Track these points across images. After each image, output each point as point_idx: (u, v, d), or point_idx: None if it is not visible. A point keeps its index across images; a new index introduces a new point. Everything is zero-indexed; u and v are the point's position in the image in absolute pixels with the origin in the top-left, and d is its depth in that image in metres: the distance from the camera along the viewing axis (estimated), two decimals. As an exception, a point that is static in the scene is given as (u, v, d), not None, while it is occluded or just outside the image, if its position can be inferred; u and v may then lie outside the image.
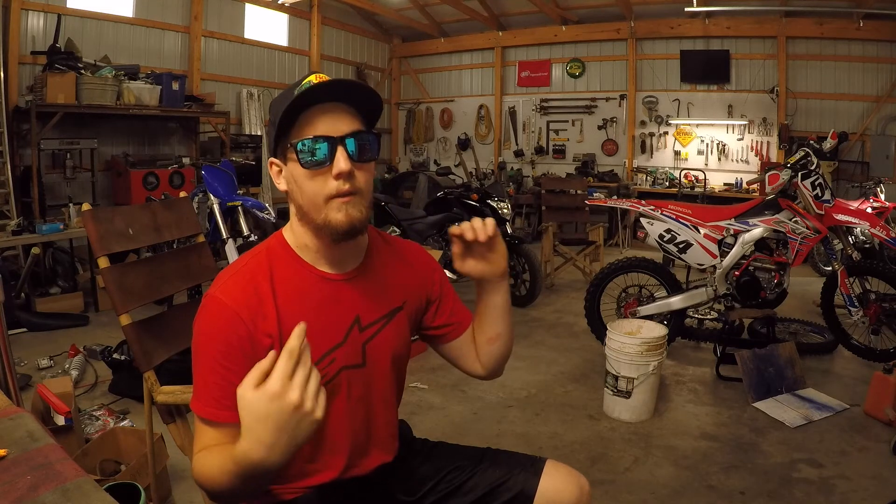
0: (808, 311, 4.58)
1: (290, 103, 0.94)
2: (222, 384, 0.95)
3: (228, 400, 0.95)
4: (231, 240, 4.03)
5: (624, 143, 8.84)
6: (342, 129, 0.97)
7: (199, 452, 0.96)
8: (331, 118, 0.97)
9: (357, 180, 0.98)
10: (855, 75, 7.40)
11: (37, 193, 5.23)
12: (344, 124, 0.98)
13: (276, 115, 0.98)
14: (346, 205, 0.97)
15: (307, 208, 1.00)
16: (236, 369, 0.95)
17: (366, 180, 1.01)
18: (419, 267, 1.20)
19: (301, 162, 0.96)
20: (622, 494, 2.23)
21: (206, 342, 0.97)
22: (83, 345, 3.58)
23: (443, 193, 5.32)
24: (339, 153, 0.95)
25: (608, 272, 3.75)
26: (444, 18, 9.60)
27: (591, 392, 3.18)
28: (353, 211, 0.98)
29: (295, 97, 0.94)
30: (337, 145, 0.96)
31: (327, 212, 0.98)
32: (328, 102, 0.98)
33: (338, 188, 0.96)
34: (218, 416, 0.95)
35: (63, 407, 2.06)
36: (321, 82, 0.95)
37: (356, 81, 0.98)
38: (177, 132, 7.02)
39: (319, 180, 0.97)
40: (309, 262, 1.05)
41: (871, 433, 2.70)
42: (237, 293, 0.98)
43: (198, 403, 0.97)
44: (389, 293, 1.13)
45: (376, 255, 1.14)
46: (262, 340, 0.97)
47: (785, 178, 3.39)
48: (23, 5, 5.50)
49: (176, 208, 1.88)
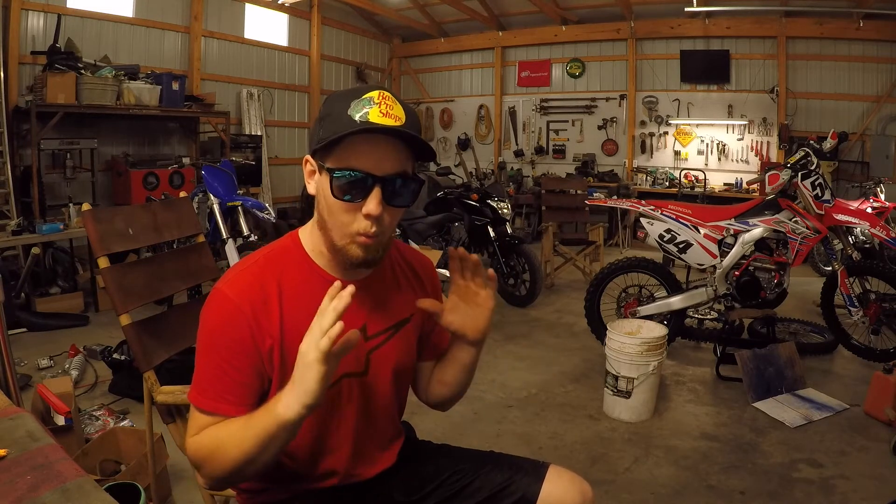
0: (808, 311, 4.58)
1: (347, 131, 0.90)
2: (224, 378, 0.96)
3: (230, 394, 0.96)
4: (231, 240, 4.03)
5: (624, 143, 8.84)
6: (385, 168, 0.93)
7: (196, 435, 0.97)
8: (378, 151, 0.93)
9: (383, 222, 0.96)
10: (855, 75, 7.40)
11: (37, 193, 5.22)
12: (389, 162, 0.93)
13: (326, 123, 0.93)
14: (367, 245, 0.96)
15: (330, 228, 0.98)
16: (238, 365, 0.96)
17: (391, 223, 0.98)
18: (427, 282, 1.20)
19: (334, 192, 0.93)
20: (622, 494, 2.23)
21: (209, 335, 0.97)
22: (83, 345, 3.58)
23: (443, 193, 5.32)
24: (374, 194, 0.92)
25: (608, 272, 3.75)
26: (444, 18, 9.60)
27: (591, 392, 3.18)
28: (371, 252, 0.97)
29: (354, 128, 0.90)
30: (375, 185, 0.92)
31: (349, 244, 0.97)
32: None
33: (365, 229, 0.94)
34: (217, 409, 0.96)
35: (63, 407, 2.06)
36: (383, 126, 0.90)
37: (417, 137, 0.94)
38: (177, 132, 7.02)
39: (351, 214, 0.95)
40: (321, 266, 1.04)
41: (871, 433, 2.70)
42: (243, 289, 0.98)
43: (197, 394, 0.97)
44: (399, 304, 1.12)
45: (389, 265, 1.13)
46: (264, 340, 0.97)
47: (785, 178, 3.39)
48: (23, 5, 5.50)
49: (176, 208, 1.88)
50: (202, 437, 0.95)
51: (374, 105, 0.92)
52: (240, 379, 0.96)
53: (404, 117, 0.94)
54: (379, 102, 0.92)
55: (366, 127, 0.90)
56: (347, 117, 0.91)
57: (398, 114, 0.93)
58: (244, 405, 0.97)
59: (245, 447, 0.89)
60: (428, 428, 2.71)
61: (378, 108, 0.91)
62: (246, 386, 0.97)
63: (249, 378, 0.97)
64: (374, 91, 0.94)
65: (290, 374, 0.99)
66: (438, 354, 1.22)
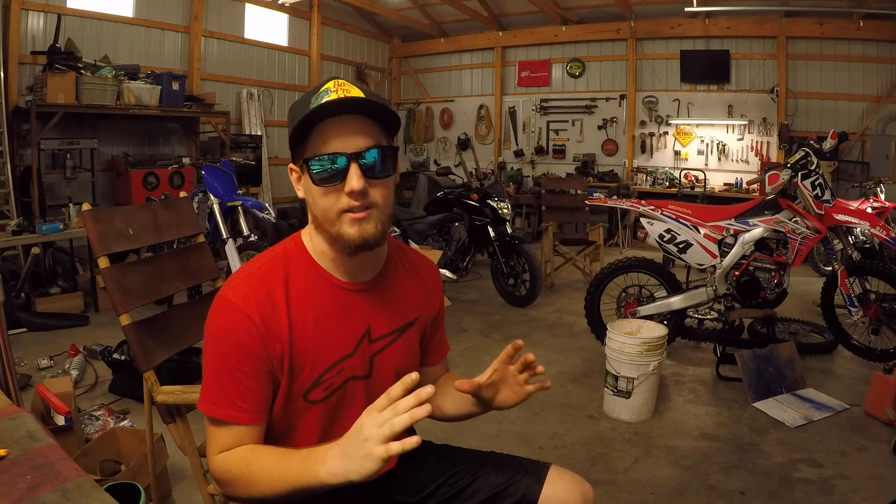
0: (808, 311, 4.58)
1: (304, 116, 0.92)
2: (238, 387, 0.96)
3: (245, 402, 0.96)
4: (231, 240, 4.03)
5: (624, 143, 8.84)
6: (357, 145, 0.94)
7: (223, 454, 0.97)
8: (346, 132, 0.94)
9: (372, 196, 0.96)
10: (855, 75, 7.40)
11: (37, 193, 5.23)
12: (359, 139, 0.94)
13: (293, 124, 0.96)
14: (360, 220, 0.96)
15: (321, 220, 0.99)
16: (250, 372, 0.96)
17: (382, 195, 0.98)
18: (430, 286, 1.20)
19: (314, 179, 0.95)
20: (622, 494, 2.23)
21: (218, 345, 0.97)
22: (83, 345, 3.59)
23: (443, 193, 5.32)
24: (353, 170, 0.93)
25: (608, 272, 3.75)
26: (444, 18, 9.60)
27: (591, 392, 3.18)
28: (367, 226, 0.96)
29: (310, 111, 0.92)
30: (350, 162, 0.93)
31: (340, 225, 0.96)
32: (345, 115, 0.95)
33: (349, 204, 0.95)
34: (234, 417, 0.96)
35: (63, 407, 2.06)
36: (334, 100, 0.92)
37: (370, 99, 0.95)
38: (177, 132, 7.02)
39: (332, 196, 0.95)
40: (325, 268, 1.04)
41: (871, 433, 2.70)
42: (250, 296, 0.97)
43: (210, 405, 0.97)
44: (403, 307, 1.12)
45: (393, 267, 1.13)
46: (274, 345, 0.97)
47: (785, 178, 3.39)
48: (23, 5, 5.50)
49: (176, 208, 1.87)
50: (231, 461, 0.95)
51: (330, 93, 0.94)
52: (253, 386, 0.96)
53: (362, 95, 0.95)
54: (336, 89, 0.94)
55: (323, 106, 0.92)
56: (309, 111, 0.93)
57: (355, 93, 0.95)
58: (258, 412, 0.97)
59: (276, 487, 0.90)
60: (427, 427, 2.71)
61: (335, 94, 0.94)
62: (259, 392, 0.97)
63: (262, 384, 0.97)
64: (330, 81, 0.96)
65: (299, 378, 1.00)
66: (438, 360, 1.22)
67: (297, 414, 1.03)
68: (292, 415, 1.03)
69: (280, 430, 1.04)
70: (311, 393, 1.02)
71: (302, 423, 1.04)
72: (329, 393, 1.03)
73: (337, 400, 1.04)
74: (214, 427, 0.98)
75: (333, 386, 1.03)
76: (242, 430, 0.97)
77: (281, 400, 1.01)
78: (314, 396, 1.02)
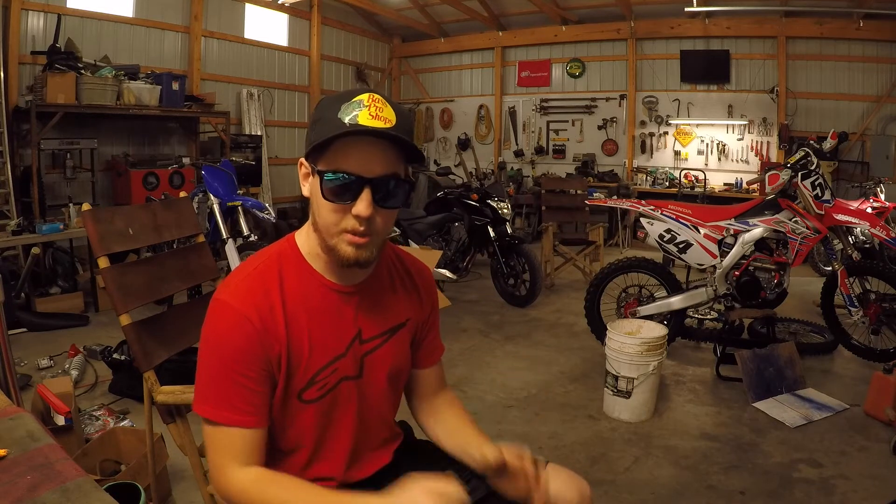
0: (808, 311, 4.58)
1: (332, 135, 0.90)
2: (240, 390, 0.96)
3: (247, 405, 0.96)
4: (231, 240, 4.03)
5: (624, 143, 8.84)
6: (375, 171, 0.93)
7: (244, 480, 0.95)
8: (368, 154, 0.93)
9: (375, 223, 0.96)
10: (855, 75, 7.39)
11: (37, 193, 5.22)
12: (379, 165, 0.93)
13: (317, 126, 0.94)
14: (358, 245, 0.96)
15: (321, 229, 0.98)
16: (249, 374, 0.96)
17: (385, 224, 0.98)
18: (423, 289, 1.20)
19: (324, 192, 0.94)
20: (622, 494, 2.24)
21: (218, 348, 0.97)
22: (83, 345, 3.59)
23: (443, 193, 5.32)
24: (364, 195, 0.92)
25: (608, 272, 3.75)
26: (444, 18, 9.60)
27: (591, 392, 3.18)
28: (363, 252, 0.97)
29: (339, 130, 0.90)
30: (364, 187, 0.93)
31: (338, 242, 0.97)
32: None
33: (353, 227, 0.94)
34: (237, 421, 0.96)
35: (63, 407, 2.06)
36: (370, 128, 0.90)
37: (403, 138, 0.93)
38: (177, 132, 7.02)
39: (339, 213, 0.95)
40: (318, 270, 1.04)
41: (871, 433, 2.70)
42: (248, 298, 0.97)
43: (210, 407, 0.97)
44: (394, 309, 1.12)
45: (386, 270, 1.14)
46: (272, 346, 0.97)
47: (785, 178, 3.39)
48: (23, 5, 5.50)
49: (176, 208, 1.88)
50: (251, 489, 0.95)
51: (363, 108, 0.92)
52: (253, 388, 0.97)
53: (395, 119, 0.94)
54: (369, 105, 0.92)
55: (353, 129, 0.90)
56: (338, 120, 0.92)
57: (388, 116, 0.93)
58: (259, 414, 0.97)
59: None
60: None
61: (367, 110, 0.92)
62: (260, 394, 0.98)
63: (262, 386, 0.98)
64: (365, 94, 0.94)
65: (294, 378, 1.00)
66: (431, 363, 1.23)
67: (291, 414, 1.03)
68: (287, 415, 1.03)
69: (274, 430, 1.04)
70: (305, 392, 1.02)
71: (296, 422, 1.04)
72: (323, 393, 1.03)
73: (331, 400, 1.05)
74: (214, 431, 0.97)
75: (328, 386, 1.03)
76: (248, 434, 0.97)
77: (277, 400, 1.01)
78: (309, 396, 1.02)
